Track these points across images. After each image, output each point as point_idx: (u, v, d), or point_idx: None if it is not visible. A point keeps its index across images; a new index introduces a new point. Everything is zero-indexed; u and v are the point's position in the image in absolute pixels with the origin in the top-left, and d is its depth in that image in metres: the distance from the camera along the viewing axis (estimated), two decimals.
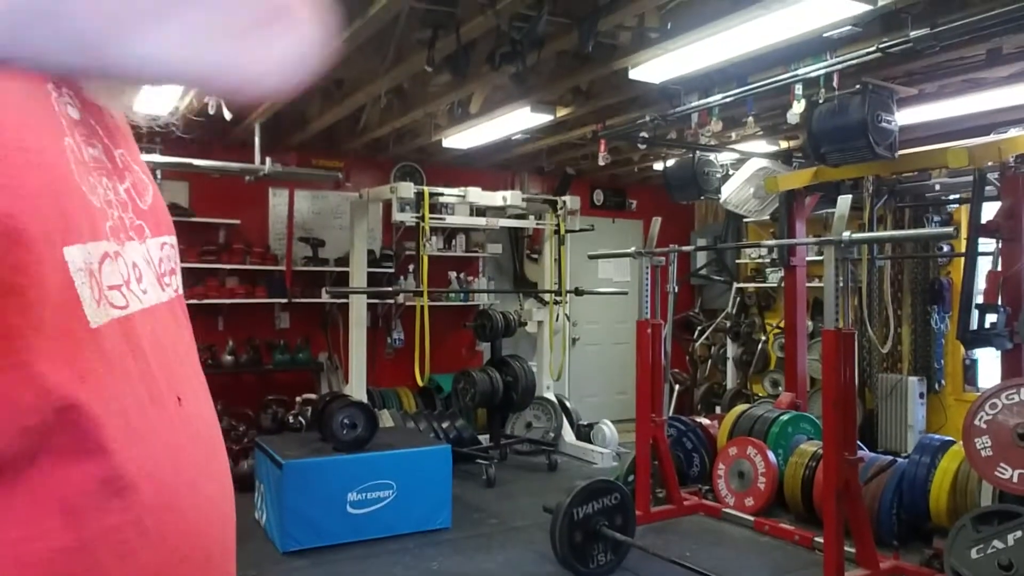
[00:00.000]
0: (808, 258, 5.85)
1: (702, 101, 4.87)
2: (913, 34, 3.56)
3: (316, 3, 0.51)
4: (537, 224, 6.97)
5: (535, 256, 8.01)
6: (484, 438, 6.49)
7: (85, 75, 0.57)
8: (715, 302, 8.75)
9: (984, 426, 3.61)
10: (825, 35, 3.78)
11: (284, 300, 6.90)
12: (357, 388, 6.11)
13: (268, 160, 6.14)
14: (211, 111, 5.02)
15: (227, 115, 5.08)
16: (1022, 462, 3.49)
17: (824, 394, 3.69)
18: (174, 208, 6.47)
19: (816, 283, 6.46)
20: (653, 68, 4.32)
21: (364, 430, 4.70)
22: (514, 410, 6.68)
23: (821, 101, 4.31)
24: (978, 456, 3.61)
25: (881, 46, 3.75)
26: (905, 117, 5.04)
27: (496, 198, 6.31)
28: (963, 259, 4.31)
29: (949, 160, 4.19)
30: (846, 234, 3.80)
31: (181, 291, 0.77)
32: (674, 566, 3.95)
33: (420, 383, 5.93)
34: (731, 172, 6.13)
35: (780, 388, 6.73)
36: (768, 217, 6.29)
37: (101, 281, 0.58)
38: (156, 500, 0.58)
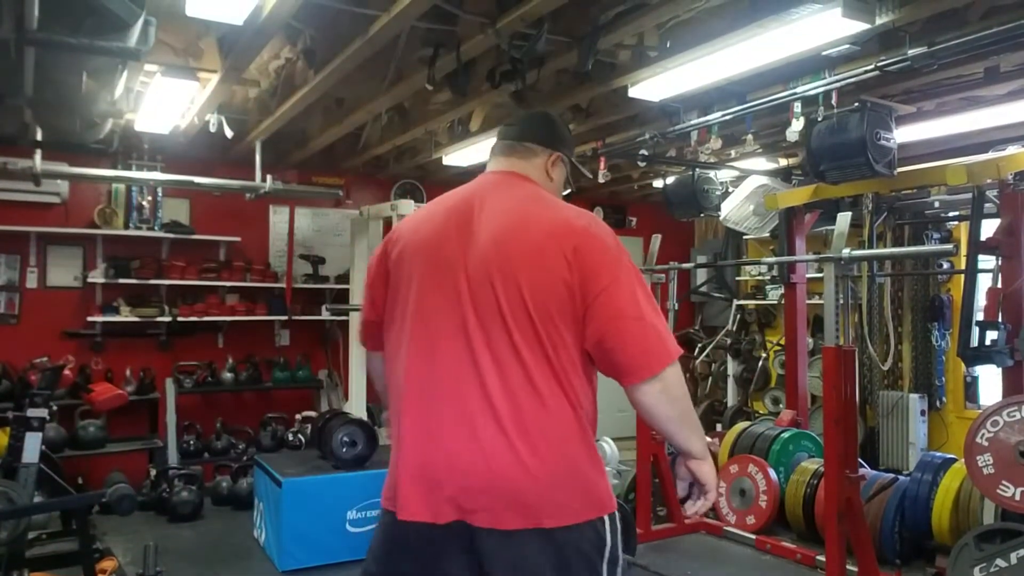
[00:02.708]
0: (808, 275, 5.85)
1: (701, 119, 4.88)
2: (911, 52, 3.58)
3: None
4: None
5: None
6: None
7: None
8: (715, 319, 8.75)
9: (986, 444, 3.59)
10: (823, 53, 3.80)
11: (284, 317, 6.90)
12: (357, 405, 6.08)
13: (269, 178, 6.15)
14: (212, 129, 5.04)
15: (228, 133, 5.10)
16: None
17: (825, 411, 3.69)
18: (175, 225, 6.48)
19: (816, 300, 6.45)
20: (652, 86, 4.34)
21: (364, 448, 4.68)
22: None
23: (820, 119, 4.33)
24: (980, 474, 3.60)
25: (879, 64, 3.77)
26: (904, 135, 5.06)
27: None
28: (963, 276, 4.31)
29: (948, 177, 4.20)
30: (846, 251, 3.80)
31: None
32: None
33: None
34: (731, 189, 6.15)
35: (781, 405, 6.71)
36: (768, 234, 6.30)
37: None
38: None
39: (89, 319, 6.21)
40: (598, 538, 1.71)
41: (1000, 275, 4.07)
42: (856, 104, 4.17)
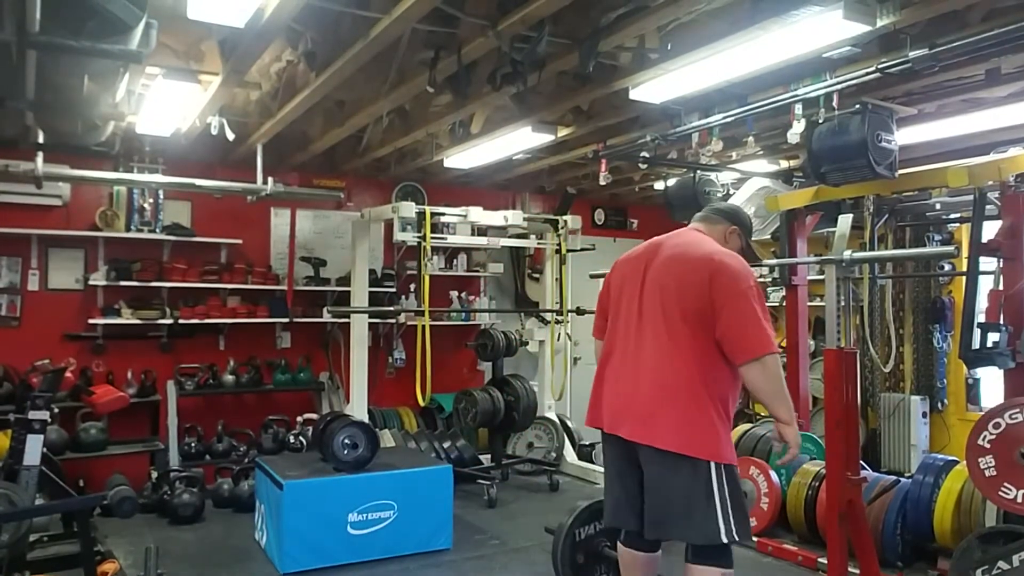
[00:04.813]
0: (809, 277, 5.85)
1: (702, 121, 4.88)
2: (912, 54, 3.58)
3: None
4: (538, 244, 6.98)
5: (536, 275, 8.01)
6: (485, 458, 6.46)
7: None
8: None
9: (987, 446, 3.59)
10: (824, 55, 3.80)
11: (285, 320, 6.90)
12: (358, 408, 6.09)
13: (270, 180, 6.16)
14: (213, 132, 5.05)
15: (229, 135, 5.11)
16: None
17: (827, 414, 3.68)
18: (176, 228, 6.49)
19: (817, 302, 6.45)
20: (653, 88, 4.35)
21: (365, 450, 4.68)
22: (516, 430, 6.65)
23: (821, 121, 4.33)
24: (982, 476, 3.59)
25: (880, 66, 3.77)
26: (905, 137, 5.05)
27: (497, 217, 6.31)
28: (964, 278, 4.30)
29: (949, 179, 4.20)
30: (847, 253, 3.80)
31: None
32: None
33: (421, 403, 5.91)
34: (732, 191, 6.14)
35: None
36: (769, 236, 6.29)
37: None
38: None
39: (90, 321, 6.22)
40: (702, 472, 2.68)
41: (1001, 277, 4.06)
42: (857, 106, 4.16)
